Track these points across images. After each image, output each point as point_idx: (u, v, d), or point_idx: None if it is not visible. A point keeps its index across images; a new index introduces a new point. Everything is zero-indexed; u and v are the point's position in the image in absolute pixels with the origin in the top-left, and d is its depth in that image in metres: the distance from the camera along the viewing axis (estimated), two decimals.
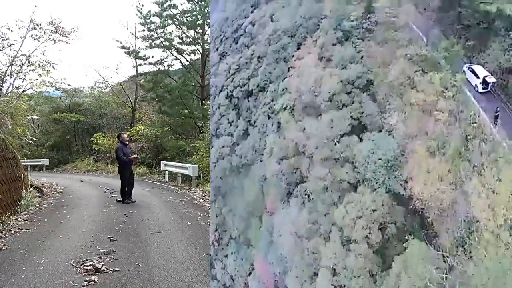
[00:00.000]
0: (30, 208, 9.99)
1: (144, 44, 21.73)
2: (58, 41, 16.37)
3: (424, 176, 2.47)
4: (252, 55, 3.77)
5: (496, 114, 2.43)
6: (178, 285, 4.63)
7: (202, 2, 19.29)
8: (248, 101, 3.72)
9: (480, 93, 2.71)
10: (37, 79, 15.16)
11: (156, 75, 21.20)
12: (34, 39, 15.70)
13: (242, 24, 3.96)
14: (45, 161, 27.17)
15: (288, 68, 3.43)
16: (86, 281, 4.71)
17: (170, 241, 6.64)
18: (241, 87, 3.77)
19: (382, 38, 2.99)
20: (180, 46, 20.61)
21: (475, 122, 2.46)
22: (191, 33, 20.45)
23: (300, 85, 3.23)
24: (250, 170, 3.51)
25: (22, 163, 13.15)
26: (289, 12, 3.61)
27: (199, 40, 20.36)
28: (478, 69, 2.76)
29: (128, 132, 22.08)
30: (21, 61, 14.68)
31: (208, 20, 17.90)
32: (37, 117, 18.99)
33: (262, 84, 3.60)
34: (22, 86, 15.20)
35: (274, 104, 3.40)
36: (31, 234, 7.23)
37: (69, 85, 24.43)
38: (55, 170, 26.86)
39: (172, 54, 21.25)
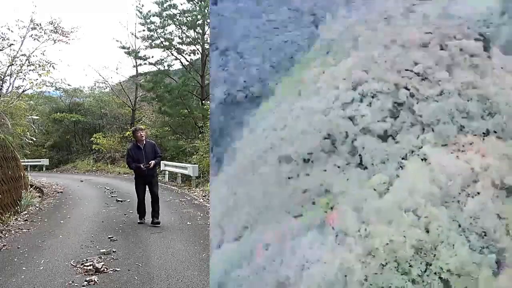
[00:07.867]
0: (30, 208, 9.99)
1: (144, 44, 21.68)
2: (58, 41, 16.36)
3: None
4: None
5: None
6: (178, 285, 4.63)
7: (202, 2, 19.26)
8: None
9: None
10: (37, 79, 15.20)
11: (156, 75, 21.15)
12: (34, 39, 15.71)
13: None
14: (45, 161, 27.13)
15: None
16: (86, 281, 4.71)
17: (170, 241, 6.64)
18: None
19: None
20: (180, 46, 20.57)
21: None
22: (191, 33, 20.41)
23: None
24: None
25: (22, 163, 13.14)
26: None
27: (199, 40, 20.33)
28: None
29: (128, 132, 22.00)
30: (21, 61, 14.67)
31: (208, 20, 17.89)
32: (37, 117, 18.94)
33: None
34: (22, 86, 15.21)
35: None
36: (31, 234, 7.23)
37: (69, 85, 24.46)
38: (55, 170, 26.83)
39: (172, 54, 21.22)
